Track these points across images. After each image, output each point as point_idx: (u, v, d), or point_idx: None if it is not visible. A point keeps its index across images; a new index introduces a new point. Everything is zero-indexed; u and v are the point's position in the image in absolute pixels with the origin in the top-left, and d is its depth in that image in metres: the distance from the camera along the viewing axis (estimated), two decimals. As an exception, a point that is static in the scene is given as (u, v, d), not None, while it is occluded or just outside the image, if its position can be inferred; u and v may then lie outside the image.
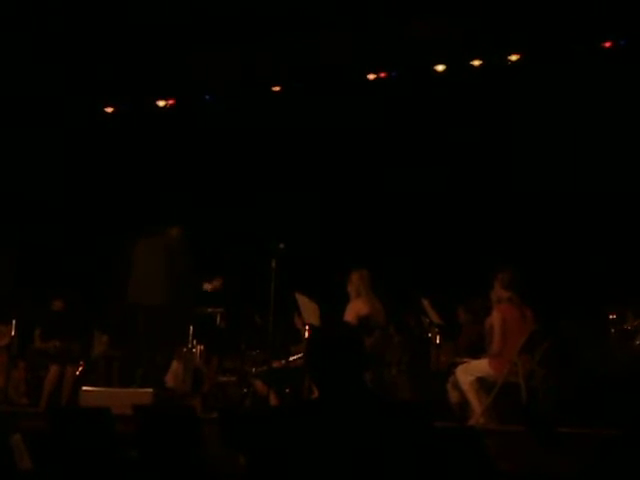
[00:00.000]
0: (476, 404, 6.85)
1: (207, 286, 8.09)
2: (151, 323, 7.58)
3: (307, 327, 7.50)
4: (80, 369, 9.25)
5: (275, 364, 8.20)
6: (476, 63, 9.77)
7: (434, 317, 7.82)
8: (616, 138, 9.27)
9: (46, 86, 10.76)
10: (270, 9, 9.52)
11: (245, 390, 8.45)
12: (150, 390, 7.12)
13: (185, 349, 8.53)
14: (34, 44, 10.08)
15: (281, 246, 7.49)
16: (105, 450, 5.32)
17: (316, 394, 7.32)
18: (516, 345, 6.80)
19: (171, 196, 10.36)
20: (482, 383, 6.90)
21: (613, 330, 7.78)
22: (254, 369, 8.50)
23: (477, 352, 7.37)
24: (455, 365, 7.26)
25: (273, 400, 7.64)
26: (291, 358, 8.31)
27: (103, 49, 10.22)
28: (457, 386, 7.08)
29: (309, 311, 7.56)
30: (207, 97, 11.19)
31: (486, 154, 9.87)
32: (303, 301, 7.58)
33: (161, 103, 11.20)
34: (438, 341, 7.79)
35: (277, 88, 10.76)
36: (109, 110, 11.39)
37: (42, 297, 9.81)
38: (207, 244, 9.37)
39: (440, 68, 9.92)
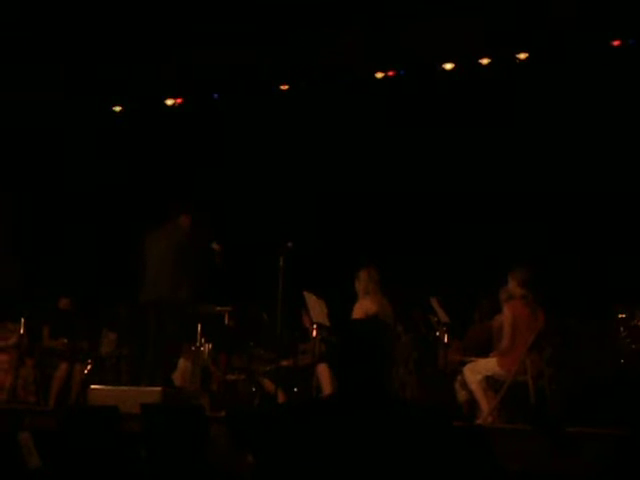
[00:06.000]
0: (484, 403, 6.85)
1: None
2: (161, 319, 7.54)
3: (315, 326, 7.50)
4: (89, 367, 9.26)
5: (283, 363, 8.20)
6: (484, 61, 9.77)
7: (442, 316, 7.82)
8: (626, 137, 9.24)
9: (54, 85, 10.79)
10: (277, 7, 9.53)
11: (253, 389, 8.46)
12: (158, 389, 7.12)
13: (193, 348, 8.54)
14: (42, 43, 10.11)
15: (289, 244, 7.48)
16: (113, 448, 5.33)
17: (325, 393, 7.33)
18: (525, 343, 6.79)
19: (178, 194, 10.36)
20: (490, 382, 6.89)
21: (622, 329, 7.76)
22: (262, 368, 8.51)
23: (484, 351, 7.36)
24: (463, 364, 7.25)
25: (281, 399, 7.66)
26: (299, 357, 8.31)
27: (111, 48, 10.25)
28: (465, 385, 7.07)
29: (317, 310, 7.56)
30: (215, 96, 11.21)
31: (495, 152, 9.84)
32: (311, 300, 7.58)
33: (169, 102, 11.23)
34: (446, 340, 7.78)
35: (285, 87, 10.77)
36: (117, 109, 11.43)
37: (51, 295, 9.83)
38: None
39: (448, 66, 9.92)
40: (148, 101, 11.17)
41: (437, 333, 7.96)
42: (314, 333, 7.54)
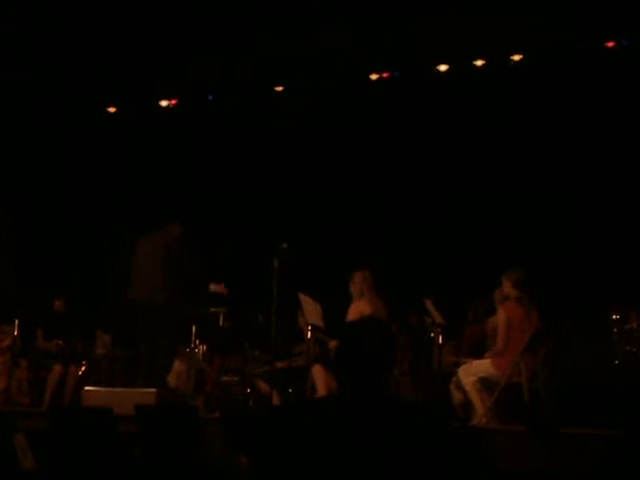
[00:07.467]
0: (479, 404, 6.86)
1: (213, 287, 8.05)
2: (151, 322, 7.55)
3: (309, 327, 7.50)
4: (83, 369, 9.25)
5: (278, 364, 8.19)
6: (479, 63, 9.78)
7: (437, 317, 7.81)
8: (620, 137, 9.25)
9: (48, 86, 10.79)
10: (272, 9, 9.53)
11: (248, 390, 8.44)
12: (153, 390, 7.11)
13: (188, 349, 8.53)
14: (35, 44, 10.10)
15: (284, 246, 7.48)
16: (108, 450, 5.33)
17: (320, 394, 7.33)
18: (519, 344, 6.80)
19: (173, 195, 10.36)
20: (484, 383, 6.90)
21: (616, 330, 7.77)
22: (257, 369, 8.50)
23: (479, 352, 7.37)
24: (458, 365, 7.26)
25: (276, 400, 7.65)
26: (294, 358, 8.31)
27: (105, 49, 10.24)
28: (460, 386, 7.08)
29: (311, 311, 7.56)
30: (209, 97, 11.20)
31: (489, 152, 9.85)
32: (306, 301, 7.58)
33: (164, 103, 11.22)
34: (441, 341, 7.78)
35: (279, 88, 10.77)
36: (112, 110, 11.42)
37: (44, 297, 9.81)
38: (209, 243, 9.37)
39: (443, 68, 9.94)
40: (142, 102, 11.17)
41: (431, 334, 7.96)
42: (309, 335, 7.54)
